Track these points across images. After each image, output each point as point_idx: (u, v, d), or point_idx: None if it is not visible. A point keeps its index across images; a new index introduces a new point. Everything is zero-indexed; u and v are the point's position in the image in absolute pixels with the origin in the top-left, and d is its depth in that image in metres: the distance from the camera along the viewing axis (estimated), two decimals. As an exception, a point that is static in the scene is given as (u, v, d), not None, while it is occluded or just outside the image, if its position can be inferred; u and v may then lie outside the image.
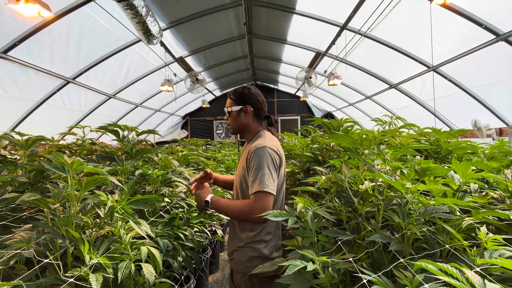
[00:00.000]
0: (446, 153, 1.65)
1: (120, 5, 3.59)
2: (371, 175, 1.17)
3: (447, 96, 5.90)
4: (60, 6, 3.91)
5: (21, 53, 4.24)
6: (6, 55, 4.05)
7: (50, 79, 5.18)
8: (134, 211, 1.28)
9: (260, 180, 1.50)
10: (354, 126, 1.96)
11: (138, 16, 3.84)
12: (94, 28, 4.78)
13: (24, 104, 5.19)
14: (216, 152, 4.64)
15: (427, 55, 5.05)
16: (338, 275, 0.93)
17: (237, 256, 1.65)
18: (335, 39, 5.95)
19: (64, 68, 5.21)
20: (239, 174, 1.68)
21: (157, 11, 5.28)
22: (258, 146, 1.58)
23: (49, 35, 4.33)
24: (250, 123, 1.76)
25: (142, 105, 8.71)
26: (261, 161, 1.53)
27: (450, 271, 0.69)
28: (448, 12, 4.08)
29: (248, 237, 1.62)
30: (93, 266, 1.05)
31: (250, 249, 1.61)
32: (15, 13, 3.24)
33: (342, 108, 11.09)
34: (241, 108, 1.74)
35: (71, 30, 4.55)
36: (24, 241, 1.03)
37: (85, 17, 4.41)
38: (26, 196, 1.13)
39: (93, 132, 2.14)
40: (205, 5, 5.71)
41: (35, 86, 5.06)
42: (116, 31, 5.04)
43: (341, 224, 1.23)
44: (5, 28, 3.78)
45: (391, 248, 0.91)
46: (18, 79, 4.67)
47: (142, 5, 3.75)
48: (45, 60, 4.75)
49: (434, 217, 0.97)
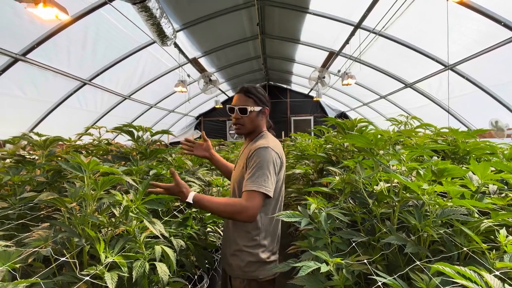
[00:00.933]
0: (464, 153, 1.61)
1: (135, 7, 3.64)
2: (386, 175, 1.16)
3: (465, 95, 5.77)
4: (77, 9, 3.99)
5: (39, 55, 4.35)
6: (25, 58, 4.16)
7: (67, 81, 5.30)
8: (149, 210, 1.29)
9: (257, 180, 1.45)
10: (369, 126, 1.93)
11: (152, 18, 3.89)
12: (110, 30, 4.87)
13: (42, 105, 5.33)
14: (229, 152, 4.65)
15: (443, 54, 4.96)
16: (352, 277, 0.92)
17: (234, 261, 1.60)
18: (349, 38, 5.90)
19: (80, 70, 5.32)
20: (238, 173, 1.63)
21: (171, 13, 5.33)
22: (261, 146, 1.53)
23: (66, 38, 4.43)
24: (262, 125, 1.72)
25: (156, 106, 8.82)
26: (262, 161, 1.49)
27: (468, 274, 0.67)
28: (465, 9, 3.99)
29: (244, 241, 1.58)
30: (109, 264, 1.06)
31: (247, 254, 1.57)
32: (34, 17, 3.33)
33: (356, 108, 10.98)
34: (260, 110, 1.68)
35: (87, 33, 4.64)
36: (42, 240, 1.05)
37: (101, 20, 4.50)
38: (44, 195, 1.15)
39: (109, 132, 2.17)
40: (218, 6, 5.74)
41: (52, 88, 5.19)
42: (131, 33, 5.11)
43: (355, 226, 1.21)
44: (24, 31, 3.89)
45: (407, 250, 0.90)
46: (37, 80, 4.79)
47: (157, 7, 3.79)
48: (63, 62, 4.86)
49: (451, 219, 0.95)
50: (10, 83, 4.42)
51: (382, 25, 5.08)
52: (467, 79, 5.33)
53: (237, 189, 1.63)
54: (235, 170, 1.71)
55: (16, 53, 4.04)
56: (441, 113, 6.58)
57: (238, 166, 1.67)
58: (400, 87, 7.20)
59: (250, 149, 1.58)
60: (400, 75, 6.88)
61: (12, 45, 3.95)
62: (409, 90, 7.01)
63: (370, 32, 5.49)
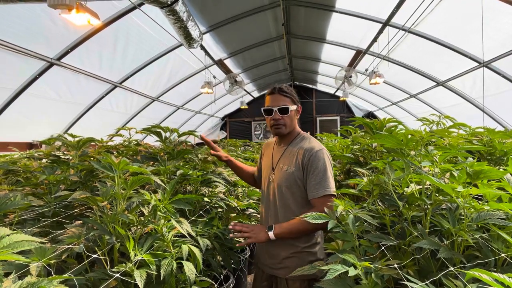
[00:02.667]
0: (501, 154, 1.53)
1: (163, 11, 3.73)
2: (417, 177, 1.12)
3: (501, 93, 5.49)
4: (107, 14, 4.13)
5: (72, 59, 4.54)
6: (60, 62, 4.36)
7: (99, 84, 5.50)
8: (176, 210, 1.31)
9: (326, 183, 1.51)
10: (398, 126, 1.87)
11: (179, 21, 3.96)
12: (139, 34, 5.01)
13: (76, 108, 5.57)
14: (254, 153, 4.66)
15: (477, 50, 4.73)
16: (381, 282, 0.89)
17: (292, 263, 1.57)
18: (377, 36, 5.76)
19: (111, 73, 5.51)
20: (286, 177, 1.62)
21: (197, 16, 5.41)
22: (317, 149, 1.58)
23: (98, 42, 4.60)
24: (296, 123, 1.76)
25: (183, 107, 8.99)
26: (324, 164, 1.54)
27: (507, 282, 0.64)
28: (501, 3, 3.79)
29: (303, 242, 1.58)
30: (138, 262, 1.09)
31: (307, 253, 1.58)
32: (68, 22, 3.47)
33: (385, 108, 10.70)
34: (296, 108, 1.73)
35: (117, 37, 4.80)
36: (75, 237, 1.10)
37: (130, 24, 4.63)
38: (77, 194, 1.20)
39: (138, 133, 2.23)
40: (243, 7, 5.77)
41: (85, 91, 5.41)
42: (159, 36, 5.23)
43: (385, 229, 1.18)
44: (58, 37, 4.07)
45: (440, 255, 0.86)
46: (70, 84, 5.01)
47: (184, 10, 3.86)
48: (95, 66, 5.05)
49: (488, 223, 0.90)
50: (46, 87, 4.64)
51: (412, 21, 4.92)
52: (503, 76, 5.06)
53: (286, 191, 1.62)
54: (278, 173, 1.68)
55: (52, 58, 4.24)
56: (475, 112, 6.29)
57: (281, 169, 1.66)
58: (432, 86, 6.95)
59: (297, 152, 1.62)
60: (431, 73, 6.64)
61: (47, 50, 4.15)
62: (441, 88, 6.75)
63: (399, 29, 5.33)
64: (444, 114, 2.14)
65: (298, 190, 1.60)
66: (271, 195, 1.70)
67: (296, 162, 1.60)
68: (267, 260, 1.69)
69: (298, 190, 1.60)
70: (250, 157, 4.11)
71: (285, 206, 1.63)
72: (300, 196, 1.60)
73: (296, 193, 1.60)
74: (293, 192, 1.61)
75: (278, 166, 1.70)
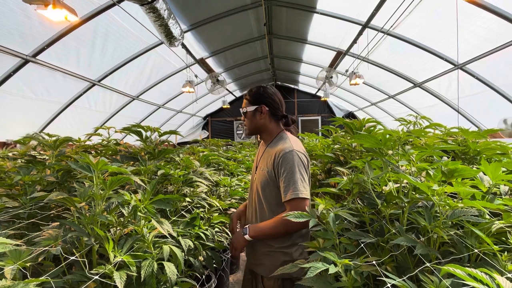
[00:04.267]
0: (474, 154, 1.59)
1: (143, 9, 3.67)
2: (395, 176, 1.14)
3: (475, 94, 5.69)
4: (85, 11, 4.03)
5: (49, 56, 4.41)
6: (36, 59, 4.22)
7: (77, 82, 5.36)
8: (157, 210, 1.30)
9: (294, 187, 1.47)
10: (377, 126, 1.91)
11: (160, 19, 3.91)
12: (118, 32, 4.91)
13: (52, 106, 5.40)
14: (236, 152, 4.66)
15: (453, 53, 4.89)
16: (361, 279, 0.91)
17: (268, 261, 1.61)
18: (357, 37, 5.86)
19: (89, 71, 5.38)
20: (262, 178, 1.64)
21: (178, 14, 5.36)
22: (286, 151, 1.54)
23: (76, 39, 4.49)
24: (267, 123, 1.74)
25: (164, 106, 8.87)
26: (292, 166, 1.50)
27: (479, 276, 0.66)
28: (475, 8, 3.93)
29: (278, 242, 1.59)
30: (117, 264, 1.07)
31: (281, 253, 1.59)
32: (44, 18, 3.37)
33: (364, 108, 10.90)
34: (256, 108, 1.71)
35: (96, 34, 4.69)
36: (52, 239, 1.07)
37: (109, 21, 4.54)
38: (54, 195, 1.17)
39: (118, 133, 2.19)
40: (225, 6, 5.75)
41: (62, 89, 5.25)
42: (139, 34, 5.15)
43: (364, 226, 1.20)
44: (34, 33, 3.94)
45: (416, 252, 0.89)
46: (47, 81, 4.86)
47: (164, 8, 3.82)
48: (72, 63, 4.92)
49: (462, 220, 0.94)
50: (21, 84, 4.48)
51: (391, 24, 5.03)
52: (477, 78, 5.26)
53: (261, 194, 1.64)
54: (256, 173, 1.72)
55: (27, 55, 4.10)
56: (451, 112, 6.50)
57: (260, 171, 1.68)
58: (409, 87, 7.13)
59: (272, 153, 1.61)
60: (408, 74, 6.81)
61: (22, 46, 4.01)
62: (418, 89, 6.94)
63: (378, 32, 5.45)
64: (421, 114, 2.20)
65: (271, 192, 1.60)
66: (253, 194, 1.72)
67: (269, 163, 1.61)
68: (248, 255, 1.75)
69: (272, 191, 1.60)
70: (232, 156, 4.10)
71: (261, 206, 1.66)
72: (273, 197, 1.60)
73: (270, 194, 1.61)
74: (266, 193, 1.62)
75: (259, 166, 1.72)
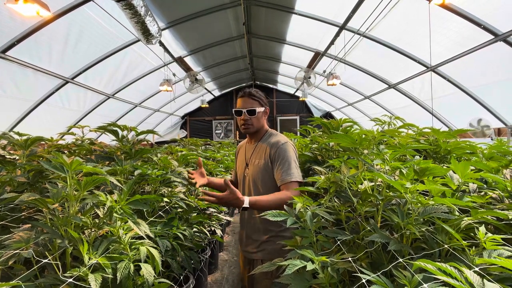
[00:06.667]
0: (445, 153, 1.65)
1: (119, 5, 3.59)
2: (370, 175, 1.17)
3: (446, 96, 5.91)
4: (58, 6, 3.90)
5: (20, 53, 4.23)
6: (5, 55, 4.05)
7: (49, 79, 5.17)
8: (133, 211, 1.28)
9: (292, 171, 1.72)
10: (354, 126, 1.96)
11: (137, 15, 3.84)
12: (93, 28, 4.78)
13: (23, 104, 5.19)
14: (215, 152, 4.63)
15: (426, 55, 5.06)
16: (337, 275, 0.93)
17: (269, 246, 1.81)
18: (334, 39, 5.96)
19: (63, 68, 5.21)
20: (258, 169, 1.86)
21: (156, 11, 5.27)
22: (282, 142, 1.81)
23: (48, 35, 4.33)
24: (264, 123, 1.99)
25: (141, 105, 8.71)
26: (288, 155, 1.76)
27: (449, 270, 0.69)
28: (447, 12, 4.09)
29: (277, 227, 1.81)
30: (92, 266, 1.04)
31: (281, 237, 1.76)
32: (14, 13, 3.24)
33: (341, 108, 11.10)
34: (264, 110, 1.94)
35: (70, 30, 4.54)
36: (23, 241, 1.03)
37: (83, 17, 4.41)
38: (25, 196, 1.12)
39: (92, 132, 2.14)
40: (204, 5, 5.71)
41: (34, 86, 5.06)
42: (115, 30, 5.03)
43: (340, 224, 1.23)
44: (3, 28, 3.77)
45: (390, 248, 0.91)
46: (17, 78, 4.66)
47: (141, 4, 3.75)
48: (44, 60, 4.74)
49: (433, 217, 0.97)
50: (-11, 81, 4.29)
51: (367, 26, 5.15)
52: (449, 80, 5.46)
53: (260, 184, 1.85)
54: (252, 168, 1.91)
55: (-5, 50, 3.92)
56: (424, 113, 6.72)
57: (253, 164, 1.90)
58: (384, 88, 7.31)
59: (266, 147, 1.86)
60: (383, 76, 6.99)
61: (-10, 42, 3.84)
62: (393, 90, 7.13)
63: (355, 33, 5.56)
64: (395, 115, 2.26)
65: (269, 180, 1.83)
66: (247, 187, 1.93)
67: (265, 155, 1.84)
68: (247, 246, 1.92)
69: (269, 180, 1.83)
70: (211, 156, 4.08)
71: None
72: (271, 185, 1.82)
73: (268, 183, 1.83)
74: (265, 182, 1.84)
75: (251, 161, 1.93)
